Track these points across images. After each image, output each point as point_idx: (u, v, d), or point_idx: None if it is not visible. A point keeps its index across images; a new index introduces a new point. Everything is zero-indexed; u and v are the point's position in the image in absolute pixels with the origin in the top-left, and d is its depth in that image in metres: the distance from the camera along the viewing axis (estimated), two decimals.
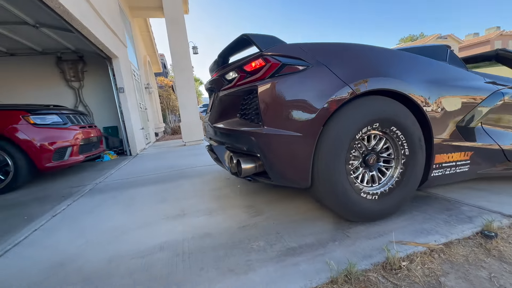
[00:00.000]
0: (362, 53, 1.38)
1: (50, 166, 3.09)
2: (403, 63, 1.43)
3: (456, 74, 1.58)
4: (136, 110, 5.75)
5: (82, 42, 4.10)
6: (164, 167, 3.50)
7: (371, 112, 1.27)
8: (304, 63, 1.25)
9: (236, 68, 1.44)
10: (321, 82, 1.23)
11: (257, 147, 1.28)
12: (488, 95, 1.59)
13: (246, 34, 1.34)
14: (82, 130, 3.62)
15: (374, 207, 1.34)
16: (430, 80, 1.44)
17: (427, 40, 31.56)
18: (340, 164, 1.25)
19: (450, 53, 1.71)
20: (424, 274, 0.98)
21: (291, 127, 1.22)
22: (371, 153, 1.38)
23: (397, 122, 1.32)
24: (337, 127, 1.23)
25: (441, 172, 1.51)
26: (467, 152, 1.55)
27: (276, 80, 1.23)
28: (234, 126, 1.46)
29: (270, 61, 1.25)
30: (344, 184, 1.26)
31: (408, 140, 1.36)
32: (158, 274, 1.09)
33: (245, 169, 1.34)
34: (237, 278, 1.01)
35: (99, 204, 2.13)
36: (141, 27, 8.53)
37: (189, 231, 1.47)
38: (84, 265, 1.21)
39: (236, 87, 1.45)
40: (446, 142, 1.47)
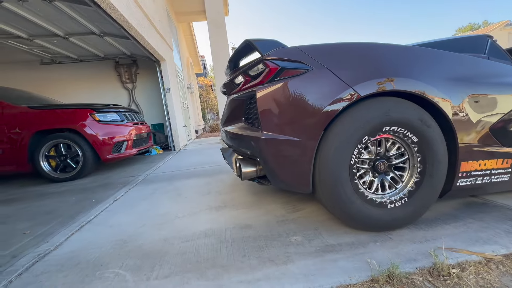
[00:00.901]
0: (367, 53, 1.28)
1: (110, 158, 3.54)
2: (418, 60, 1.29)
3: (492, 69, 1.40)
4: (180, 108, 6.20)
5: (136, 48, 4.57)
6: (206, 162, 3.73)
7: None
8: (304, 66, 1.21)
9: (242, 72, 1.48)
10: (322, 84, 1.18)
11: (257, 152, 1.28)
12: None
13: (248, 40, 1.36)
14: (135, 127, 4.06)
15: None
16: (454, 78, 1.29)
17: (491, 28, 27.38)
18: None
19: (491, 44, 1.51)
20: (478, 284, 0.92)
21: (290, 132, 1.20)
22: (381, 159, 1.27)
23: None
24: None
25: (470, 181, 1.35)
26: (506, 159, 1.36)
27: (275, 85, 1.22)
28: (238, 130, 1.49)
29: (269, 65, 1.24)
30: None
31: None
32: (205, 256, 1.21)
33: (245, 173, 1.37)
34: (277, 268, 1.07)
35: (151, 192, 2.39)
36: (185, 31, 9.11)
37: (231, 221, 1.58)
38: (143, 244, 1.39)
39: (241, 91, 1.49)
40: (475, 147, 1.31)
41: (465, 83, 1.30)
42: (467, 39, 1.56)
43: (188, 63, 9.58)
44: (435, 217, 1.41)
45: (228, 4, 7.22)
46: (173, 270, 1.12)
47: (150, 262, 1.20)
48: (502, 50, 1.53)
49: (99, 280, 1.10)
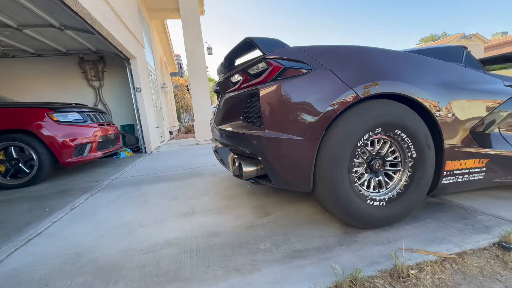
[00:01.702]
0: (367, 56, 1.33)
1: (71, 161, 3.26)
2: (411, 66, 1.38)
3: (471, 76, 1.51)
4: (152, 109, 5.93)
5: (103, 44, 4.28)
6: (177, 165, 3.59)
7: (376, 116, 1.23)
8: (307, 66, 1.23)
9: (240, 70, 1.45)
10: (324, 85, 1.21)
11: (258, 150, 1.28)
12: (506, 99, 1.51)
13: (250, 37, 1.34)
14: (101, 128, 3.79)
15: (379, 213, 1.31)
16: (441, 83, 1.38)
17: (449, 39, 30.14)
18: (343, 169, 1.22)
19: (467, 54, 1.64)
20: (433, 284, 0.95)
21: (292, 131, 1.21)
22: (376, 158, 1.34)
23: (404, 127, 1.27)
24: (340, 132, 1.21)
25: (453, 179, 1.45)
26: (482, 159, 1.48)
27: (278, 84, 1.22)
28: (237, 129, 1.46)
29: (272, 64, 1.24)
30: (347, 189, 1.24)
31: (416, 146, 1.31)
32: (167, 268, 1.13)
33: (246, 172, 1.35)
34: (242, 278, 1.03)
35: (115, 199, 2.22)
36: (158, 28, 8.77)
37: (198, 229, 1.51)
38: (98, 257, 1.27)
39: (240, 90, 1.45)
40: (458, 148, 1.41)
41: (451, 89, 1.39)
42: (446, 49, 1.67)
43: (162, 61, 9.23)
44: None
45: (203, 3, 7.07)
46: (129, 286, 1.03)
47: (104, 278, 1.09)
48: (475, 60, 1.65)
49: None
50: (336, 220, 1.48)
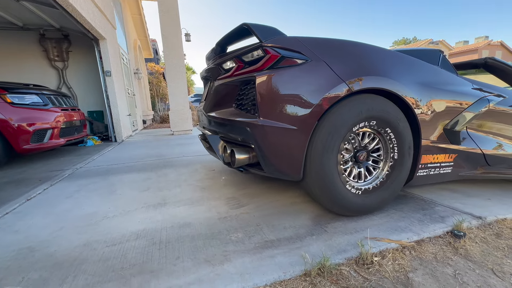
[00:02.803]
0: (360, 51, 1.38)
1: (28, 148, 2.96)
2: (399, 64, 1.45)
3: (447, 78, 1.61)
4: (124, 95, 5.58)
5: (68, 21, 3.89)
6: (150, 155, 3.43)
7: (365, 110, 1.29)
8: (303, 57, 1.24)
9: (235, 57, 1.42)
10: (319, 77, 1.24)
11: (252, 138, 1.27)
12: (475, 101, 1.63)
13: (247, 24, 1.31)
14: (64, 113, 3.48)
15: (360, 202, 1.38)
16: (423, 83, 1.47)
17: (419, 44, 32.14)
18: (332, 159, 1.27)
19: (443, 57, 1.74)
20: (394, 269, 1.02)
21: (286, 120, 1.22)
22: (362, 150, 1.41)
23: (389, 122, 1.35)
24: (331, 123, 1.24)
25: (426, 172, 1.57)
26: (451, 154, 1.60)
27: (275, 72, 1.22)
28: (229, 116, 1.44)
29: (269, 52, 1.23)
30: (334, 178, 1.29)
31: (399, 141, 1.40)
32: (133, 261, 1.07)
33: (238, 160, 1.34)
34: (212, 269, 1.01)
35: (78, 189, 2.07)
36: (132, 10, 8.19)
37: (169, 220, 1.45)
38: (56, 251, 1.17)
39: (234, 77, 1.43)
40: (433, 143, 1.52)
41: (430, 88, 1.48)
42: (425, 51, 1.75)
43: (135, 45, 8.67)
44: None
45: None
46: (90, 281, 0.96)
47: (62, 273, 1.01)
48: (450, 64, 1.75)
49: None
50: (308, 211, 1.52)
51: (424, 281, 0.96)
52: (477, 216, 1.43)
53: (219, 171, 2.46)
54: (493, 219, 1.41)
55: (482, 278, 0.98)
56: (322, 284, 0.93)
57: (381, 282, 0.95)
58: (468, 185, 1.99)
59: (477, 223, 1.37)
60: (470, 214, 1.47)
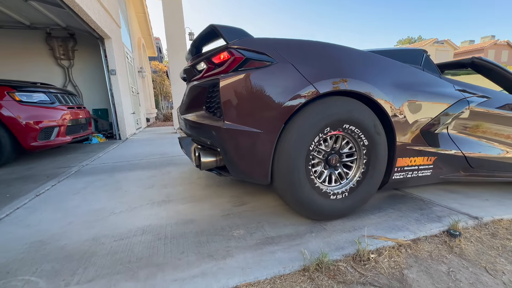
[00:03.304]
0: (329, 52, 1.35)
1: (36, 146, 3.04)
2: (371, 65, 1.41)
3: (425, 79, 1.57)
4: (128, 94, 5.65)
5: (74, 20, 3.96)
6: (154, 153, 3.49)
7: (334, 113, 1.26)
8: (269, 58, 1.22)
9: (205, 59, 1.40)
10: (285, 79, 1.21)
11: (217, 142, 1.27)
12: (454, 103, 1.59)
13: (214, 25, 1.31)
14: (70, 111, 3.55)
15: (330, 205, 1.35)
16: (397, 84, 1.43)
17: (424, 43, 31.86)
18: (300, 163, 1.24)
19: (426, 58, 1.70)
20: (389, 266, 1.06)
21: (252, 123, 1.20)
22: (333, 154, 1.38)
23: (360, 124, 1.32)
24: (298, 126, 1.22)
25: (403, 175, 1.54)
26: (430, 157, 1.57)
27: (239, 75, 1.20)
28: (199, 119, 1.43)
29: (234, 54, 1.22)
30: (302, 182, 1.26)
31: (371, 144, 1.37)
32: (139, 255, 1.12)
33: (204, 163, 1.34)
34: (215, 263, 1.06)
35: (85, 186, 2.13)
36: (136, 8, 8.25)
37: (173, 216, 1.50)
38: (66, 245, 1.23)
39: (203, 79, 1.42)
40: (409, 146, 1.48)
41: (405, 90, 1.45)
42: (407, 51, 1.73)
43: (139, 44, 8.75)
44: (363, 208, 1.57)
45: None
46: (99, 272, 1.01)
47: (73, 265, 1.06)
48: (433, 64, 1.72)
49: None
50: None
51: (418, 277, 1.00)
52: (473, 217, 1.46)
53: None
54: (489, 220, 1.44)
55: (475, 276, 1.01)
56: (320, 279, 0.97)
57: (376, 278, 0.99)
58: (468, 186, 2.02)
59: (474, 223, 1.40)
60: (467, 214, 1.50)
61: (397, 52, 1.71)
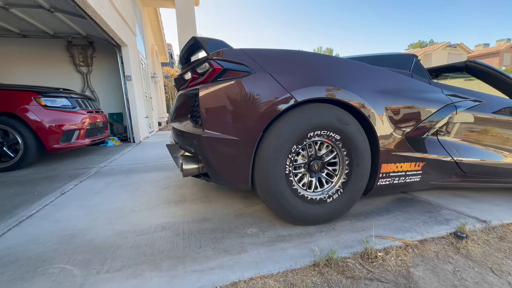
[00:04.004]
0: (306, 61, 1.37)
1: (58, 148, 3.22)
2: (350, 73, 1.43)
3: (411, 85, 1.57)
4: (142, 98, 5.86)
5: (93, 29, 4.19)
6: (167, 156, 3.62)
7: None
8: (247, 68, 1.25)
9: (191, 69, 1.46)
10: (263, 88, 1.24)
11: (199, 149, 1.32)
12: (440, 108, 1.57)
13: (195, 37, 1.37)
14: (89, 115, 3.75)
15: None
16: (380, 90, 1.44)
17: (436, 47, 31.30)
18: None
19: (416, 62, 1.70)
20: (396, 264, 1.11)
21: (230, 132, 1.24)
22: (315, 160, 1.38)
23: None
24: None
25: (389, 181, 1.54)
26: (418, 162, 1.57)
27: (218, 85, 1.25)
28: (183, 127, 1.49)
29: (213, 65, 1.25)
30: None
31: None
32: (161, 249, 1.22)
33: (186, 170, 1.39)
34: (231, 257, 1.14)
35: (105, 186, 2.26)
36: (150, 16, 8.58)
37: (189, 215, 1.60)
38: (94, 238, 1.34)
39: (187, 88, 1.49)
40: (394, 152, 1.48)
41: (388, 96, 1.45)
42: (396, 56, 1.73)
43: (153, 50, 9.06)
44: (371, 211, 1.62)
45: None
46: (126, 263, 1.11)
47: (101, 256, 1.17)
48: (423, 69, 1.72)
49: (41, 276, 1.04)
50: None
51: (424, 275, 1.05)
52: (482, 220, 1.48)
53: None
54: (498, 223, 1.46)
55: (480, 275, 1.05)
56: (329, 274, 1.04)
57: (383, 275, 1.04)
58: (477, 191, 2.02)
59: (481, 226, 1.43)
60: (476, 218, 1.52)
61: (386, 57, 1.71)
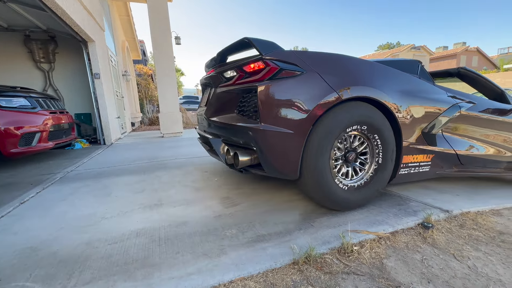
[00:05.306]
0: (348, 64, 1.56)
1: (16, 152, 2.93)
2: (381, 75, 1.63)
3: (424, 87, 1.80)
4: (112, 97, 5.54)
5: (55, 22, 3.86)
6: (141, 158, 3.47)
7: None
8: (299, 69, 1.40)
9: (236, 67, 1.56)
10: (313, 87, 1.39)
11: (254, 141, 1.40)
12: (448, 107, 1.82)
13: (248, 38, 1.46)
14: (52, 116, 3.46)
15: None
16: (403, 91, 1.65)
17: (402, 49, 33.43)
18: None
19: (421, 67, 1.93)
20: (371, 256, 1.16)
21: (285, 125, 1.37)
22: (351, 151, 1.58)
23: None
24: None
25: (407, 170, 1.74)
26: (429, 154, 1.79)
27: (274, 83, 1.37)
28: (232, 121, 1.57)
29: (269, 64, 1.38)
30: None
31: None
32: (135, 257, 1.15)
33: (242, 161, 1.46)
34: (210, 261, 1.11)
35: (72, 192, 2.10)
36: (120, 11, 8.11)
37: (166, 219, 1.54)
38: (59, 250, 1.23)
39: (235, 85, 1.57)
40: (412, 145, 1.69)
41: (409, 96, 1.66)
42: (405, 62, 1.95)
43: (124, 47, 8.58)
44: None
45: None
46: (96, 275, 1.04)
47: (68, 270, 1.08)
48: (427, 73, 1.95)
49: None
50: (297, 208, 1.65)
51: (396, 265, 1.10)
52: (445, 210, 1.61)
53: (212, 173, 2.55)
54: (458, 212, 1.59)
55: (445, 262, 1.13)
56: (308, 271, 1.05)
57: (359, 267, 1.09)
58: (441, 183, 2.19)
59: (445, 216, 1.55)
60: (440, 208, 1.64)
61: (396, 62, 1.90)
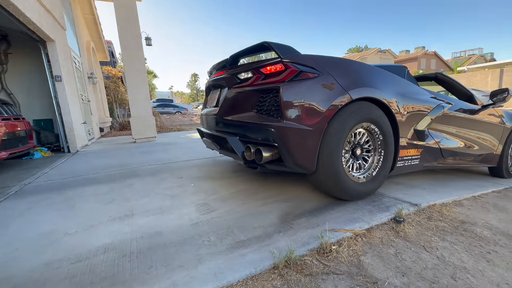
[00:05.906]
0: (356, 67, 1.72)
1: None
2: (381, 78, 1.80)
3: (414, 89, 2.00)
4: (77, 101, 5.15)
5: (7, 20, 3.49)
6: (111, 165, 3.25)
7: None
8: (316, 71, 1.53)
9: (253, 69, 1.65)
10: (329, 88, 1.54)
11: (276, 138, 1.49)
12: (434, 107, 2.02)
13: (268, 42, 1.58)
14: (5, 123, 3.14)
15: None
16: (398, 92, 1.83)
17: (370, 52, 35.48)
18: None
19: (407, 72, 2.16)
20: (348, 254, 1.18)
21: (304, 122, 1.49)
22: (358, 146, 1.73)
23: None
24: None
25: (402, 163, 1.91)
26: (419, 149, 1.97)
27: (295, 83, 1.50)
28: (252, 119, 1.64)
29: (290, 67, 1.51)
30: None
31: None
32: (102, 275, 1.06)
33: (265, 157, 1.53)
34: (187, 272, 1.06)
35: (30, 206, 1.89)
36: (84, 9, 7.60)
37: (138, 231, 1.44)
38: (14, 275, 1.09)
39: (253, 86, 1.64)
40: (407, 140, 1.88)
41: (403, 97, 1.84)
42: (393, 67, 2.14)
43: (89, 48, 8.04)
44: (325, 205, 1.71)
45: None
46: None
47: None
48: (412, 77, 2.14)
49: None
50: (276, 211, 1.64)
51: (372, 261, 1.13)
52: (414, 204, 1.70)
53: (188, 179, 2.46)
54: (426, 205, 1.70)
55: (416, 254, 1.19)
56: (289, 275, 1.04)
57: (338, 267, 1.10)
58: (409, 178, 2.33)
59: (414, 209, 1.64)
60: (409, 202, 1.74)
61: (388, 67, 2.07)
